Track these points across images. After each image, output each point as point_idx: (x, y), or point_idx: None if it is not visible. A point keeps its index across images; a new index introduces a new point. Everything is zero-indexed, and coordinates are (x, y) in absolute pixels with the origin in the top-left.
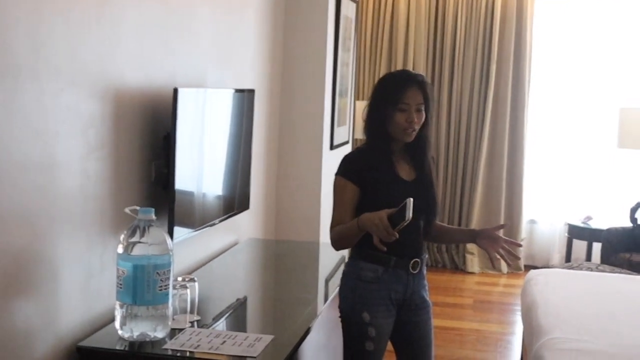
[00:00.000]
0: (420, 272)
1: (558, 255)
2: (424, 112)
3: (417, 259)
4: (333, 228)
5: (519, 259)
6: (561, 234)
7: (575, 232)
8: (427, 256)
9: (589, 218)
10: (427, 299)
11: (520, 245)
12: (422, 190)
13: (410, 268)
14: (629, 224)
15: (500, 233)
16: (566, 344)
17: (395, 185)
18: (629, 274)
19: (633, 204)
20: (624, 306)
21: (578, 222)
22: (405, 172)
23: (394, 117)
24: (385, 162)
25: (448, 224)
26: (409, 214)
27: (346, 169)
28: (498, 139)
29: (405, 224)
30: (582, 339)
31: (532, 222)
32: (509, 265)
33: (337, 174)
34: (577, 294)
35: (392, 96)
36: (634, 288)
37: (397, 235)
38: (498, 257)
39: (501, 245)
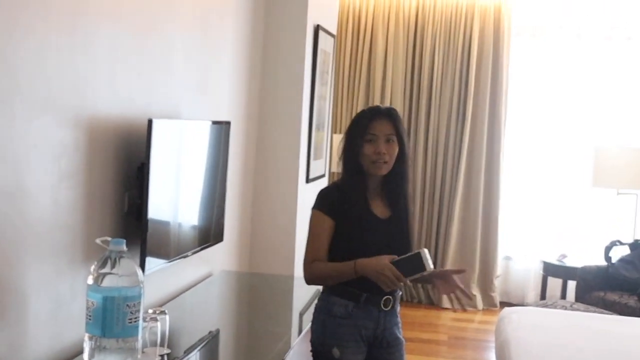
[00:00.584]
0: (393, 310)
1: (533, 292)
2: (395, 143)
3: (389, 297)
4: (310, 263)
5: (470, 299)
6: (536, 271)
7: (550, 270)
8: (400, 293)
9: (563, 256)
10: (400, 336)
11: (470, 298)
12: (395, 228)
13: (382, 305)
14: (603, 263)
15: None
16: None
17: (368, 222)
18: (603, 312)
19: (607, 243)
20: (596, 346)
21: (553, 260)
22: (379, 209)
23: (362, 148)
24: (359, 198)
25: None
26: (429, 265)
27: (323, 202)
28: (474, 176)
29: (425, 274)
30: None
31: (508, 258)
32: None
33: (314, 208)
34: (550, 333)
35: (360, 128)
36: (607, 327)
37: (409, 284)
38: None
39: (453, 290)
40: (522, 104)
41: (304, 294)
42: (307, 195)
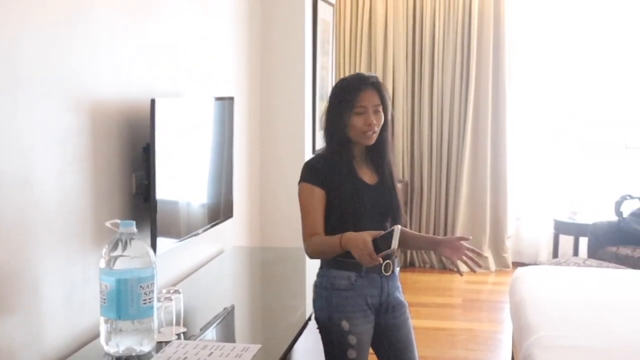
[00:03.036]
0: (393, 274)
1: (545, 251)
2: (382, 113)
3: (388, 261)
4: (309, 239)
5: (481, 266)
6: (548, 230)
7: (561, 228)
8: (397, 258)
9: (574, 213)
10: (403, 299)
11: (481, 255)
12: (385, 193)
13: (383, 271)
14: (614, 218)
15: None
16: (556, 341)
17: (358, 189)
18: (616, 267)
19: (618, 198)
20: (612, 300)
21: (564, 218)
22: (367, 175)
23: (352, 121)
24: (346, 166)
25: (425, 227)
26: (395, 242)
27: (310, 174)
28: (481, 137)
29: (390, 252)
30: (572, 336)
31: (518, 219)
32: (473, 271)
33: (301, 181)
34: (565, 290)
35: (348, 101)
36: (622, 282)
37: (381, 261)
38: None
39: (463, 253)
40: (526, 62)
41: (316, 265)
42: None
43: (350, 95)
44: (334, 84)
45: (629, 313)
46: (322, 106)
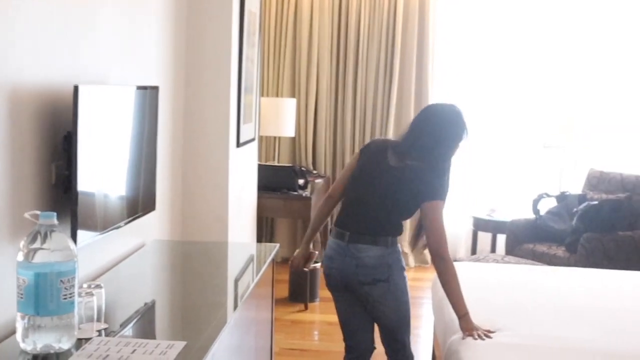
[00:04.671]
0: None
1: (464, 247)
2: None
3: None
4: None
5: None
6: (467, 227)
7: (480, 225)
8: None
9: (493, 211)
10: None
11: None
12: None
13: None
14: (531, 216)
15: None
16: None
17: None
18: (534, 264)
19: (535, 196)
20: (532, 297)
21: (483, 215)
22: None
23: None
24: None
25: None
26: None
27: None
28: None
29: None
30: (497, 332)
31: None
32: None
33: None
34: (486, 286)
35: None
36: (539, 278)
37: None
38: None
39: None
40: (448, 59)
41: (239, 260)
42: (238, 160)
43: None
44: (259, 76)
45: (548, 309)
46: (247, 98)
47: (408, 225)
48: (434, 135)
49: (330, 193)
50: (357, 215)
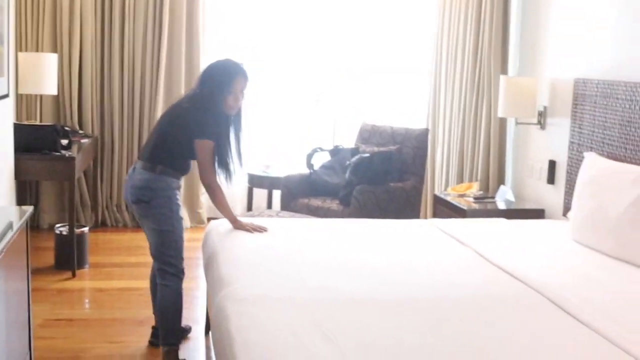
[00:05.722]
0: None
1: (240, 205)
2: None
3: None
4: None
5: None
6: (242, 184)
7: (255, 182)
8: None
9: (267, 167)
10: None
11: None
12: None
13: None
14: (306, 170)
15: None
16: (248, 292)
17: None
18: (304, 217)
19: (309, 150)
20: (303, 250)
21: (258, 172)
22: None
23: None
24: None
25: None
26: None
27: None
28: (175, 90)
29: None
30: (264, 286)
31: None
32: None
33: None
34: (258, 242)
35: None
36: (313, 230)
37: None
38: None
39: None
40: (220, 8)
41: None
42: None
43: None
44: (11, 28)
45: (319, 262)
46: None
47: None
48: (203, 82)
49: None
50: (145, 146)
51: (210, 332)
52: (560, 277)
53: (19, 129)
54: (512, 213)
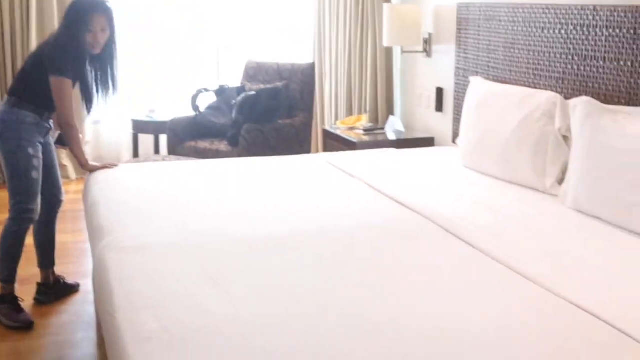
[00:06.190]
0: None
1: (127, 152)
2: None
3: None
4: None
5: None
6: (127, 130)
7: (140, 127)
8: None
9: (152, 111)
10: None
11: None
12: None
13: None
14: (192, 113)
15: None
16: (128, 241)
17: None
18: (190, 159)
19: (194, 92)
20: (189, 194)
21: (142, 117)
22: None
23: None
24: None
25: None
26: None
27: None
28: (48, 28)
29: None
30: (147, 234)
31: (97, 122)
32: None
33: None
34: (143, 188)
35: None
36: (198, 173)
37: None
38: None
39: None
40: None
41: None
42: None
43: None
44: None
45: (205, 206)
46: None
47: None
48: (64, 18)
49: None
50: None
51: None
52: (451, 203)
53: None
54: (402, 143)
